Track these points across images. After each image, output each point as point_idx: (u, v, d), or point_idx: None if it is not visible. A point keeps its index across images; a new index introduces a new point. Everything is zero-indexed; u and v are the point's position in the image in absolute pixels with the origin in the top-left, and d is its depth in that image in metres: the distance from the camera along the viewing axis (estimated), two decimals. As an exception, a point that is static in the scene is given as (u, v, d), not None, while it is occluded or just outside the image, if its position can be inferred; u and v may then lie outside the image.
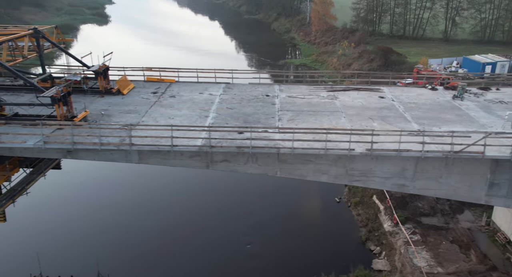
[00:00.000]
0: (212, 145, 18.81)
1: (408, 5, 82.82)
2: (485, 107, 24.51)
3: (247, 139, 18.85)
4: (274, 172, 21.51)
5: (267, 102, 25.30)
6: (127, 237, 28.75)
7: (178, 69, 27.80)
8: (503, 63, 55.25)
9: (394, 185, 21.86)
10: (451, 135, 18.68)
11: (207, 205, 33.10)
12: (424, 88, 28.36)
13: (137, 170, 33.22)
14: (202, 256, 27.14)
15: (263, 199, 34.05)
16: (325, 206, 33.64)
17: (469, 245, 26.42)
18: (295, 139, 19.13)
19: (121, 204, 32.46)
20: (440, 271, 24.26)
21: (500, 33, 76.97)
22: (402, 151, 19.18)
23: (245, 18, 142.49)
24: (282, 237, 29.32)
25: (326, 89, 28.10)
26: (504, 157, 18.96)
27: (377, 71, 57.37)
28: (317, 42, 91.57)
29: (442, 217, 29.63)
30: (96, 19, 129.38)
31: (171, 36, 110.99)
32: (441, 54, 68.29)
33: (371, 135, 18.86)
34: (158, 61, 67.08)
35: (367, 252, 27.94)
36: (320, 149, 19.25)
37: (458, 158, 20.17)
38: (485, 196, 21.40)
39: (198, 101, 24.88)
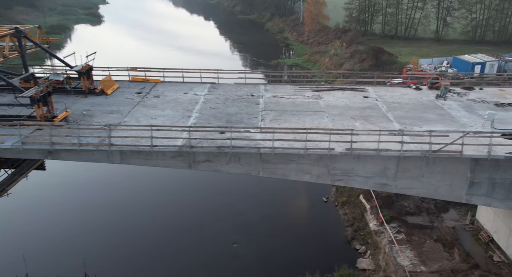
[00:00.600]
0: (192, 145, 18.81)
1: (400, 5, 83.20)
2: (467, 107, 24.70)
3: (227, 139, 18.86)
4: (256, 172, 21.54)
5: (251, 102, 25.34)
6: (113, 237, 28.70)
7: (164, 69, 27.77)
8: (492, 63, 55.64)
9: (376, 185, 21.95)
10: (429, 135, 18.80)
11: (194, 204, 33.14)
12: (408, 88, 28.51)
13: (124, 171, 33.16)
14: (187, 255, 27.15)
15: (250, 198, 34.12)
16: (312, 205, 33.75)
17: (453, 243, 26.61)
18: (275, 139, 19.18)
19: (107, 204, 32.38)
20: (423, 269, 24.42)
21: (490, 33, 77.50)
22: (382, 150, 19.28)
23: (239, 18, 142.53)
24: (268, 236, 29.40)
25: (311, 89, 28.18)
26: (482, 156, 19.11)
27: (369, 71, 57.60)
28: (310, 42, 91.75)
29: (427, 216, 29.82)
30: (89, 19, 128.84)
31: (165, 36, 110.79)
32: (432, 54, 68.67)
33: (350, 135, 18.93)
34: (150, 61, 67.41)
35: (352, 252, 28.06)
36: (300, 148, 19.32)
37: (438, 157, 20.31)
38: (466, 195, 21.55)
39: (182, 101, 24.87)
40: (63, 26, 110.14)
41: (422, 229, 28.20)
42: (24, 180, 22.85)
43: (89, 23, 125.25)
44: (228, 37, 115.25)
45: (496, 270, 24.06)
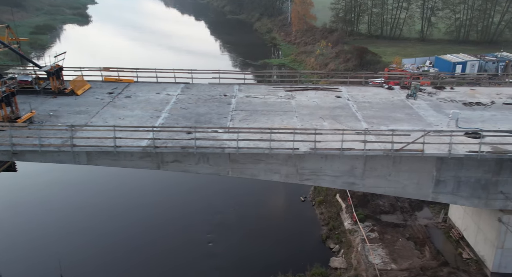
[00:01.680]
0: (156, 146, 18.80)
1: (385, 5, 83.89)
2: (436, 106, 25.00)
3: (191, 139, 18.87)
4: (225, 172, 21.60)
5: (223, 102, 25.38)
6: (88, 238, 28.50)
7: (137, 69, 27.68)
8: (473, 63, 56.35)
9: (345, 184, 22.14)
10: (392, 134, 19.01)
11: (171, 204, 33.11)
12: (381, 87, 28.77)
13: (101, 171, 33.01)
14: (162, 254, 27.08)
15: (228, 198, 34.17)
16: (290, 205, 33.88)
17: (425, 241, 26.91)
18: (240, 139, 19.25)
19: (82, 206, 32.17)
20: (394, 267, 24.66)
21: (474, 33, 78.48)
22: (345, 150, 19.45)
23: (228, 18, 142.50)
24: (244, 235, 29.46)
25: (285, 89, 28.31)
26: (442, 154, 19.38)
27: (353, 70, 58.02)
28: (297, 42, 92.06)
29: (401, 214, 30.12)
30: (77, 19, 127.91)
31: (154, 35, 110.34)
32: (416, 54, 69.29)
33: (314, 134, 19.07)
34: (137, 61, 67.08)
35: (326, 251, 28.23)
36: (265, 148, 19.42)
37: (405, 156, 20.55)
38: (432, 193, 21.84)
39: (153, 101, 24.83)
40: (50, 26, 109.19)
41: (395, 228, 28.48)
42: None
43: (76, 23, 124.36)
44: (216, 37, 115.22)
45: (464, 267, 24.39)
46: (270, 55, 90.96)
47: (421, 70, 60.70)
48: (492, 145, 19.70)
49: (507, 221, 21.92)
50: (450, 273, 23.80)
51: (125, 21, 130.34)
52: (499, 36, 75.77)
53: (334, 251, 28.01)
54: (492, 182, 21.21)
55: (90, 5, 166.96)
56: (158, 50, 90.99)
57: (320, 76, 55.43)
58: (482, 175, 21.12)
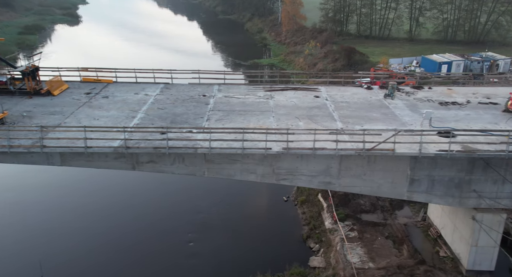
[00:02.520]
0: (128, 146, 18.75)
1: (374, 6, 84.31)
2: (412, 106, 25.19)
3: (163, 140, 18.85)
4: (201, 172, 21.62)
5: (201, 102, 25.38)
6: (68, 238, 28.37)
7: (116, 69, 27.58)
8: (458, 63, 56.85)
9: (321, 183, 22.25)
10: (363, 133, 19.13)
11: (153, 204, 33.05)
12: (360, 87, 28.94)
13: (75, 172, 32.76)
14: (142, 254, 27.02)
15: (212, 197, 34.15)
16: (273, 205, 33.94)
17: (403, 240, 27.12)
18: (213, 139, 19.27)
19: (63, 206, 32.02)
20: (371, 266, 24.82)
21: (461, 33, 79.12)
22: (318, 149, 19.54)
23: (220, 18, 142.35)
24: (226, 235, 29.47)
25: (264, 89, 28.36)
26: (413, 154, 19.55)
27: (341, 70, 58.23)
28: (287, 42, 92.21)
29: (382, 213, 30.33)
30: (67, 19, 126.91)
31: (144, 35, 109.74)
32: (404, 54, 69.75)
33: (286, 134, 19.14)
34: (127, 61, 66.82)
35: (307, 250, 28.33)
36: (237, 148, 19.45)
37: (379, 156, 20.71)
38: (407, 192, 22.03)
39: (130, 101, 24.76)
40: (39, 26, 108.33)
41: (375, 227, 28.66)
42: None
43: (66, 23, 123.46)
44: (207, 37, 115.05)
45: (440, 265, 24.62)
46: (260, 55, 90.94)
47: (408, 70, 61.21)
48: (463, 144, 19.90)
49: (480, 219, 22.17)
50: (427, 271, 24.00)
51: (116, 21, 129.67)
52: (486, 36, 76.50)
53: (314, 250, 28.13)
54: (465, 180, 21.45)
55: (81, 5, 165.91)
56: (149, 50, 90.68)
57: (309, 76, 55.74)
58: (456, 174, 21.35)
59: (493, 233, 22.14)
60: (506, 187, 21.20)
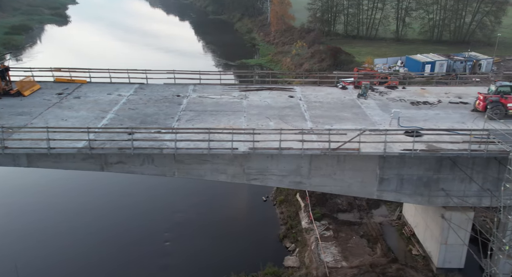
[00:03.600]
0: (92, 147, 18.66)
1: (361, 6, 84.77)
2: (384, 105, 25.37)
3: (128, 140, 18.79)
4: (171, 173, 21.58)
5: (174, 102, 25.33)
6: (42, 238, 28.19)
7: (90, 69, 27.43)
8: (441, 62, 57.35)
9: (292, 183, 22.32)
10: (328, 133, 19.24)
11: (131, 203, 32.96)
12: (335, 87, 29.08)
13: (50, 173, 32.55)
14: (117, 253, 26.94)
15: (191, 198, 34.07)
16: (252, 205, 33.95)
17: (377, 239, 27.30)
18: (179, 139, 19.25)
19: (39, 207, 31.77)
20: (344, 265, 24.94)
21: (447, 33, 79.86)
22: (284, 149, 19.61)
23: (210, 18, 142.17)
24: (203, 235, 29.43)
25: (240, 89, 28.39)
26: (377, 153, 19.69)
27: (327, 70, 58.48)
28: (275, 42, 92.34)
29: (358, 212, 30.49)
30: (55, 19, 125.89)
31: (133, 35, 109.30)
32: (390, 54, 70.21)
33: (252, 134, 19.18)
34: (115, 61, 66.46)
35: (283, 250, 28.38)
36: (204, 148, 19.45)
37: (348, 155, 20.83)
38: (377, 191, 22.18)
39: (102, 102, 24.64)
40: (26, 26, 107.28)
41: (350, 226, 28.82)
42: None
43: (54, 23, 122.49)
44: (197, 37, 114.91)
45: (412, 263, 24.83)
46: (249, 55, 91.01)
47: (393, 70, 61.63)
48: (428, 143, 20.09)
49: (449, 217, 22.40)
50: (398, 270, 24.18)
51: (106, 21, 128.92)
52: (471, 36, 77.26)
53: (290, 250, 28.19)
54: (433, 179, 21.66)
55: (71, 5, 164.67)
56: (138, 50, 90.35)
57: (294, 76, 55.86)
58: (424, 173, 21.55)
59: (461, 231, 22.37)
60: (473, 185, 21.43)
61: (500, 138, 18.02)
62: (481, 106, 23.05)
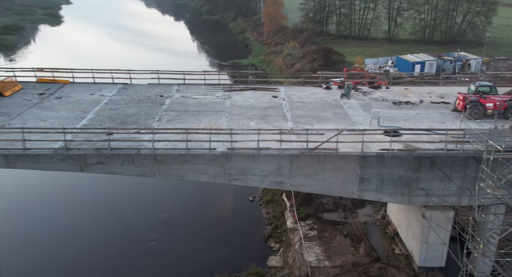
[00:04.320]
0: (69, 148, 18.58)
1: (353, 6, 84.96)
2: (366, 105, 25.43)
3: (105, 141, 18.73)
4: (152, 173, 21.52)
5: (156, 102, 25.28)
6: (27, 240, 28.06)
7: (73, 69, 27.32)
8: (431, 62, 57.57)
9: (273, 183, 22.32)
10: (306, 133, 19.27)
11: (119, 202, 33.00)
12: (319, 87, 29.13)
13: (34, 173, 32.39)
14: (102, 251, 26.92)
15: (179, 197, 34.10)
16: (238, 205, 33.96)
17: (361, 238, 27.38)
18: (157, 140, 19.22)
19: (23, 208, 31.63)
20: (327, 264, 25.00)
21: (438, 33, 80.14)
22: (262, 149, 19.62)
23: (205, 18, 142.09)
24: (188, 235, 29.44)
25: (224, 89, 28.36)
26: (354, 153, 19.74)
27: (318, 70, 58.59)
28: (268, 42, 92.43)
29: (343, 212, 30.57)
30: (48, 19, 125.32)
31: (127, 34, 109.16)
32: (381, 54, 70.42)
33: (230, 134, 19.18)
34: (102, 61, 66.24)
35: (267, 250, 28.41)
36: (181, 149, 19.42)
37: (329, 155, 20.86)
38: (358, 191, 22.23)
39: (83, 102, 24.54)
40: (17, 26, 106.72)
41: (335, 225, 28.89)
42: None
43: (47, 23, 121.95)
44: (191, 37, 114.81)
45: (395, 262, 24.91)
46: (242, 56, 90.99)
47: (383, 70, 61.82)
48: (406, 143, 20.17)
49: (429, 216, 22.50)
50: (380, 269, 24.26)
51: (100, 21, 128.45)
52: (462, 36, 77.64)
53: (275, 250, 28.23)
54: (413, 179, 21.74)
55: (65, 5, 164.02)
56: (130, 49, 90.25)
57: (286, 76, 55.93)
58: (404, 173, 21.62)
59: (442, 230, 22.48)
60: (452, 185, 21.53)
61: (475, 138, 18.11)
62: (460, 106, 23.16)
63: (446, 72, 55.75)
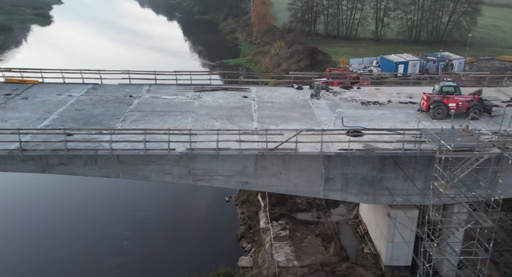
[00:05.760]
0: (24, 149, 18.46)
1: (340, 6, 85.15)
2: (334, 106, 25.45)
3: (62, 142, 18.62)
4: (115, 174, 21.41)
5: (124, 103, 25.17)
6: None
7: (41, 69, 27.14)
8: (414, 62, 57.85)
9: (238, 183, 22.28)
10: (265, 133, 19.26)
11: (95, 202, 32.81)
12: (291, 87, 29.14)
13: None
14: (72, 250, 26.83)
15: (156, 197, 33.93)
16: (214, 205, 33.89)
17: (332, 238, 27.42)
18: (116, 140, 19.13)
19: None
20: (296, 264, 25.02)
21: (425, 33, 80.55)
22: (222, 149, 19.59)
23: (196, 18, 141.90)
24: (162, 235, 29.34)
25: (195, 89, 28.30)
26: (314, 153, 19.76)
27: (303, 70, 58.65)
28: (257, 42, 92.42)
29: (317, 212, 30.60)
30: (37, 19, 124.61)
31: (119, 35, 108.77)
32: (368, 54, 70.63)
33: (189, 135, 19.14)
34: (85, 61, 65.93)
35: (239, 250, 28.38)
36: (140, 150, 19.35)
37: (293, 155, 20.84)
38: (323, 191, 22.26)
39: (50, 102, 24.40)
40: (6, 26, 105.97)
41: (307, 225, 28.91)
42: None
43: (37, 23, 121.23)
44: (182, 37, 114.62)
45: (363, 261, 24.97)
46: (231, 55, 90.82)
47: (368, 70, 62.03)
48: (366, 143, 20.22)
49: (394, 216, 22.57)
50: (348, 268, 24.31)
51: (91, 21, 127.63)
52: (448, 36, 78.08)
53: (247, 250, 28.20)
54: (377, 178, 21.79)
55: (56, 5, 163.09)
56: (119, 49, 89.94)
57: (271, 76, 55.90)
58: (368, 172, 21.67)
59: (407, 229, 22.55)
60: (416, 184, 21.61)
61: (429, 138, 18.19)
62: (424, 106, 23.26)
63: (429, 72, 56.08)
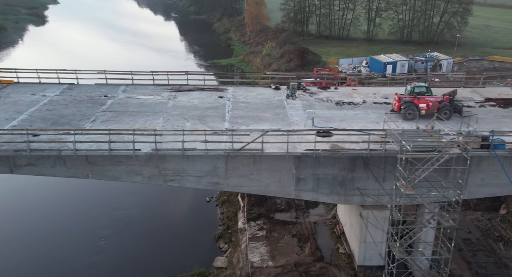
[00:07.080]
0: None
1: (332, 6, 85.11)
2: (309, 106, 25.39)
3: (24, 142, 18.55)
4: (85, 174, 21.30)
5: (97, 103, 25.10)
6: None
7: (16, 69, 27.06)
8: (402, 63, 57.79)
9: (209, 184, 22.19)
10: (231, 134, 19.20)
11: (73, 201, 32.80)
12: (269, 87, 29.08)
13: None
14: (47, 248, 26.85)
15: (137, 197, 33.82)
16: (195, 205, 33.82)
17: (309, 238, 27.36)
18: (82, 141, 19.06)
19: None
20: (270, 264, 24.96)
21: (416, 34, 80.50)
22: (188, 150, 19.52)
23: (191, 18, 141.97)
24: (140, 235, 29.26)
25: (172, 89, 28.23)
26: (280, 153, 19.70)
27: (294, 70, 58.58)
28: (250, 42, 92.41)
29: (295, 212, 30.54)
30: (32, 19, 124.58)
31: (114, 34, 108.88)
32: (359, 54, 70.54)
33: (154, 135, 19.07)
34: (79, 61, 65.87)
35: (216, 250, 28.30)
36: (105, 150, 19.28)
37: (264, 155, 20.77)
38: (295, 191, 22.18)
39: (22, 103, 24.32)
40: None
41: (285, 225, 28.85)
42: None
43: (31, 23, 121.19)
44: (177, 37, 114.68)
45: (337, 261, 24.93)
46: (224, 55, 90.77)
47: (357, 70, 61.99)
48: (333, 143, 20.16)
49: (366, 216, 22.52)
50: (322, 268, 24.26)
51: (88, 21, 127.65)
52: (439, 37, 78.04)
53: (223, 250, 28.12)
54: (348, 178, 21.72)
55: (52, 5, 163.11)
56: (112, 48, 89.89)
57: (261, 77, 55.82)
58: (339, 172, 21.59)
59: (378, 230, 22.49)
60: (386, 184, 21.52)
61: (393, 138, 18.14)
62: (396, 107, 23.21)
63: (417, 72, 56.04)
